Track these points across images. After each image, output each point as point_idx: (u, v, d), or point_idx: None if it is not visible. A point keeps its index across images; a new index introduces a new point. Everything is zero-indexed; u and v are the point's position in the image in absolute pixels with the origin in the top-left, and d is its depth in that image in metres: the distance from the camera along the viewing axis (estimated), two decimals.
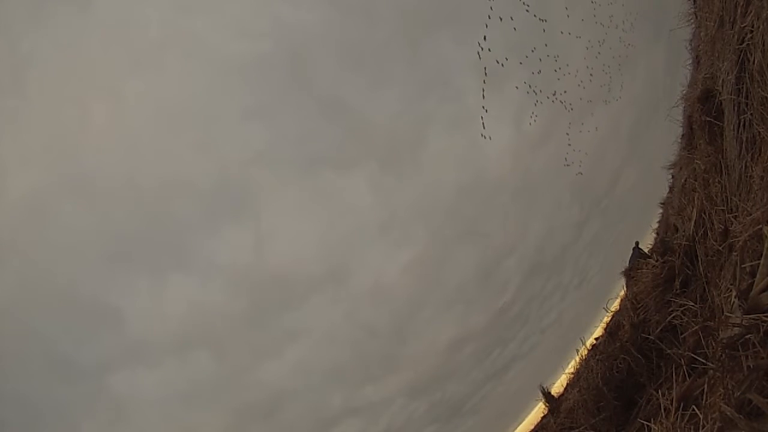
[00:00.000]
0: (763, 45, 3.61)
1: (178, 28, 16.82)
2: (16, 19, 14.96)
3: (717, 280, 3.90)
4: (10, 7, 14.80)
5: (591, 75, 24.08)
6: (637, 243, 10.15)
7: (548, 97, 21.76)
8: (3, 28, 14.96)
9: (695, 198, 5.07)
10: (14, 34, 15.14)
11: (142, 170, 18.17)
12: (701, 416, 2.93)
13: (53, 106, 16.19)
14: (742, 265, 3.26)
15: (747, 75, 3.94)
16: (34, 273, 17.01)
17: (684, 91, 7.91)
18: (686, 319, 4.06)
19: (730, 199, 4.11)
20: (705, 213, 4.62)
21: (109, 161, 17.54)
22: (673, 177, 10.43)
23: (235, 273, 21.77)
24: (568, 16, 19.25)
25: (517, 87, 22.20)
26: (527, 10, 18.47)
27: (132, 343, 19.70)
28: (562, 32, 20.04)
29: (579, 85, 22.96)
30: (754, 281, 3.01)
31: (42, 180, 16.72)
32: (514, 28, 18.43)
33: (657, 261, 5.44)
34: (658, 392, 3.88)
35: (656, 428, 3.34)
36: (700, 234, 4.63)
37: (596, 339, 8.21)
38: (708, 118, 4.99)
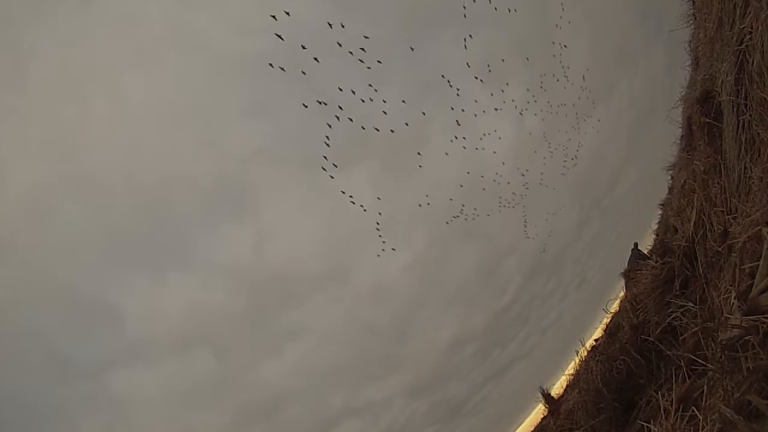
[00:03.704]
0: (762, 46, 3.61)
1: (180, 24, 16.83)
2: (17, 15, 14.97)
3: (716, 282, 3.90)
4: (11, 2, 14.81)
5: (592, 75, 24.13)
6: (636, 244, 10.14)
7: (549, 98, 21.81)
8: (4, 24, 14.97)
9: (694, 199, 5.07)
10: (15, 30, 15.15)
11: (142, 168, 18.19)
12: (701, 417, 2.93)
13: (53, 102, 16.20)
14: (742, 267, 3.26)
15: (746, 76, 3.94)
16: (33, 271, 17.01)
17: (683, 92, 7.92)
18: (686, 320, 4.06)
19: (730, 200, 4.11)
20: (704, 214, 4.61)
21: (109, 158, 17.55)
22: (672, 178, 10.43)
23: (236, 272, 21.80)
24: (569, 22, 19.33)
25: (517, 87, 22.28)
26: (528, 10, 18.56)
27: (131, 342, 19.72)
28: (561, 29, 20.12)
29: (579, 85, 23.00)
30: (753, 282, 3.02)
31: (42, 177, 16.72)
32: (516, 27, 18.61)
33: (656, 262, 5.44)
34: (657, 393, 3.88)
35: (656, 429, 3.35)
36: (699, 235, 4.63)
37: (596, 340, 8.20)
38: (707, 120, 4.98)
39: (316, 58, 13.84)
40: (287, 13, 12.83)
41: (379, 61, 14.93)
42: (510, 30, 20.71)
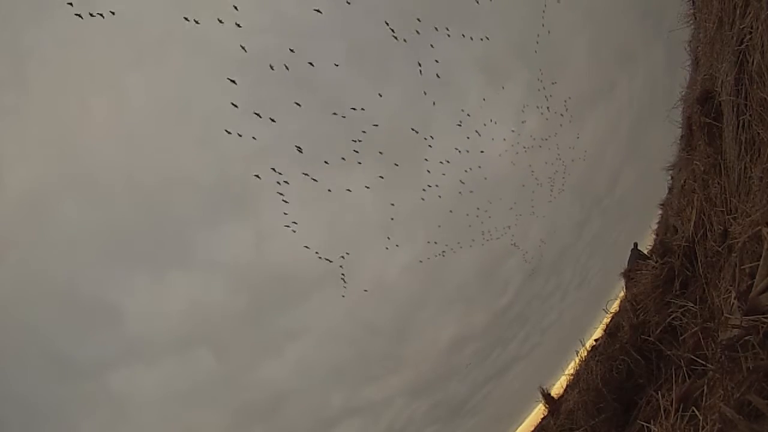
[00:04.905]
0: (762, 46, 3.61)
1: (180, 22, 16.82)
2: (16, 13, 14.97)
3: (716, 282, 3.90)
4: (11, 2, 14.81)
5: (591, 75, 24.19)
6: (635, 244, 10.13)
7: (548, 98, 21.89)
8: (4, 23, 14.97)
9: (694, 199, 5.06)
10: (15, 30, 15.15)
11: (142, 166, 18.17)
12: (701, 417, 2.93)
13: (53, 101, 16.19)
14: (742, 267, 3.26)
15: (746, 76, 3.93)
16: (32, 270, 17.01)
17: (683, 92, 7.91)
18: (686, 320, 4.06)
19: (730, 200, 4.11)
20: (704, 214, 4.61)
21: (109, 157, 17.53)
22: (672, 178, 10.41)
23: (236, 271, 21.79)
24: (549, 31, 19.48)
25: (517, 86, 22.35)
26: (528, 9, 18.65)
27: (131, 342, 19.71)
28: (562, 30, 20.27)
29: (579, 85, 23.05)
30: (753, 282, 3.02)
31: (41, 176, 16.71)
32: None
33: (656, 262, 5.43)
34: (657, 393, 3.88)
35: (656, 429, 3.35)
36: (699, 235, 4.63)
37: (596, 340, 8.19)
38: (707, 119, 4.98)
39: (311, 63, 14.15)
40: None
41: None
42: (511, 29, 20.81)
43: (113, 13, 12.64)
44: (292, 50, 14.39)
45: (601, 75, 25.23)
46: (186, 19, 13.63)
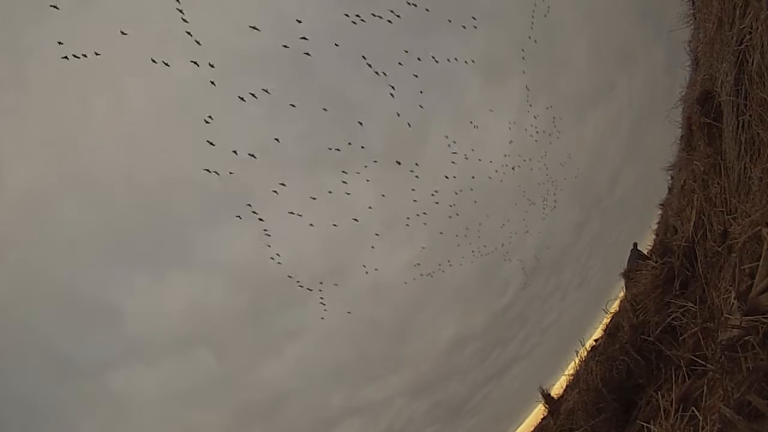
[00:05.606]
0: (762, 46, 3.61)
1: (180, 23, 16.82)
2: (16, 13, 14.97)
3: (716, 282, 3.90)
4: (11, 1, 14.82)
5: (591, 75, 24.23)
6: (635, 244, 10.13)
7: (548, 98, 21.93)
8: (4, 23, 14.97)
9: (694, 199, 5.06)
10: (15, 29, 15.15)
11: (142, 166, 18.19)
12: (701, 418, 2.93)
13: (53, 101, 16.21)
14: (742, 267, 3.26)
15: (746, 76, 3.93)
16: (32, 270, 17.02)
17: (683, 93, 7.91)
18: (685, 320, 4.06)
19: (729, 200, 4.11)
20: (704, 214, 4.61)
21: (110, 158, 17.56)
22: (672, 178, 10.42)
23: (236, 271, 21.82)
24: (536, 39, 19.55)
25: (517, 86, 22.39)
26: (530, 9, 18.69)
27: (131, 342, 19.73)
28: (563, 30, 20.33)
29: (579, 85, 23.07)
30: (753, 283, 3.02)
31: (41, 176, 16.74)
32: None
33: (656, 262, 5.43)
34: (657, 394, 3.88)
35: (656, 430, 3.34)
36: (699, 235, 4.62)
37: (596, 340, 8.19)
38: (707, 120, 4.98)
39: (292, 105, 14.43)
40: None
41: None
42: (511, 28, 20.84)
43: (97, 54, 12.81)
44: (265, 91, 14.44)
45: (601, 75, 25.28)
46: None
